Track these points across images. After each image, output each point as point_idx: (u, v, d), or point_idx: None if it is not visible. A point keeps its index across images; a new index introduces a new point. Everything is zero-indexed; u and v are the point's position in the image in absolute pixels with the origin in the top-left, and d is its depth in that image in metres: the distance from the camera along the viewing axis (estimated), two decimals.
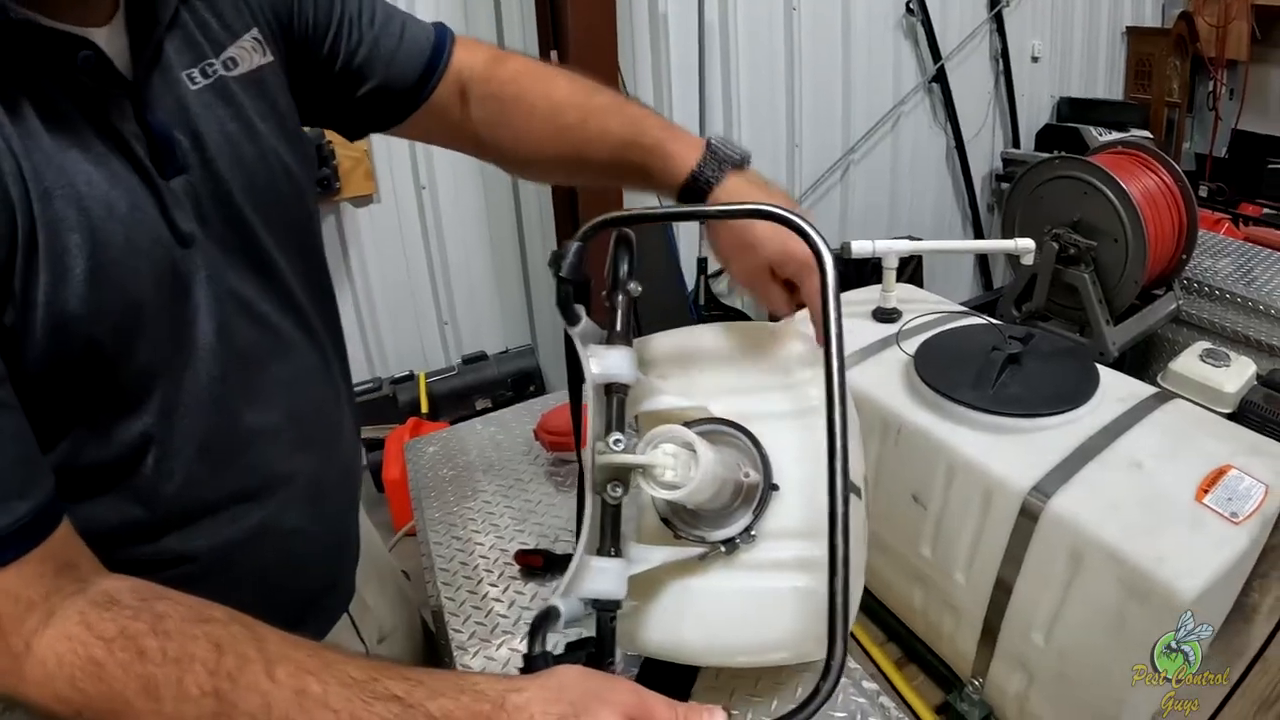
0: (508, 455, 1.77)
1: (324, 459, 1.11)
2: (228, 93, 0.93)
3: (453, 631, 1.30)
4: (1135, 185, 2.59)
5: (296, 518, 1.05)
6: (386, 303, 3.70)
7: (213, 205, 0.90)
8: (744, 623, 0.95)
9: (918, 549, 1.55)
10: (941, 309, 1.87)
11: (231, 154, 0.92)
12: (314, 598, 1.16)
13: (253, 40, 0.98)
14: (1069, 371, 1.55)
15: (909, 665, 1.71)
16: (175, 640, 0.70)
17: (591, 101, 1.14)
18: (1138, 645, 1.22)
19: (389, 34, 1.12)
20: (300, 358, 1.05)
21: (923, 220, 5.01)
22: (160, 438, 0.87)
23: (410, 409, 3.49)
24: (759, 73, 4.17)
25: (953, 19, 4.69)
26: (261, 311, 0.98)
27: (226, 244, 0.93)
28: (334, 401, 1.13)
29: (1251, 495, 1.27)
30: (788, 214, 0.85)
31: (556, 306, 0.89)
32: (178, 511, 0.92)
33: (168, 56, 0.88)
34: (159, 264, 0.83)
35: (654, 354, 1.08)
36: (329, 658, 0.73)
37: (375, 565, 1.39)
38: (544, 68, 1.20)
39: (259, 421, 0.98)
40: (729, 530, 0.94)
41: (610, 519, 0.87)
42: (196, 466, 0.91)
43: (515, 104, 1.16)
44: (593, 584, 0.85)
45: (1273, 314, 2.67)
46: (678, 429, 0.81)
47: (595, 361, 0.88)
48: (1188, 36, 5.56)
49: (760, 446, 0.96)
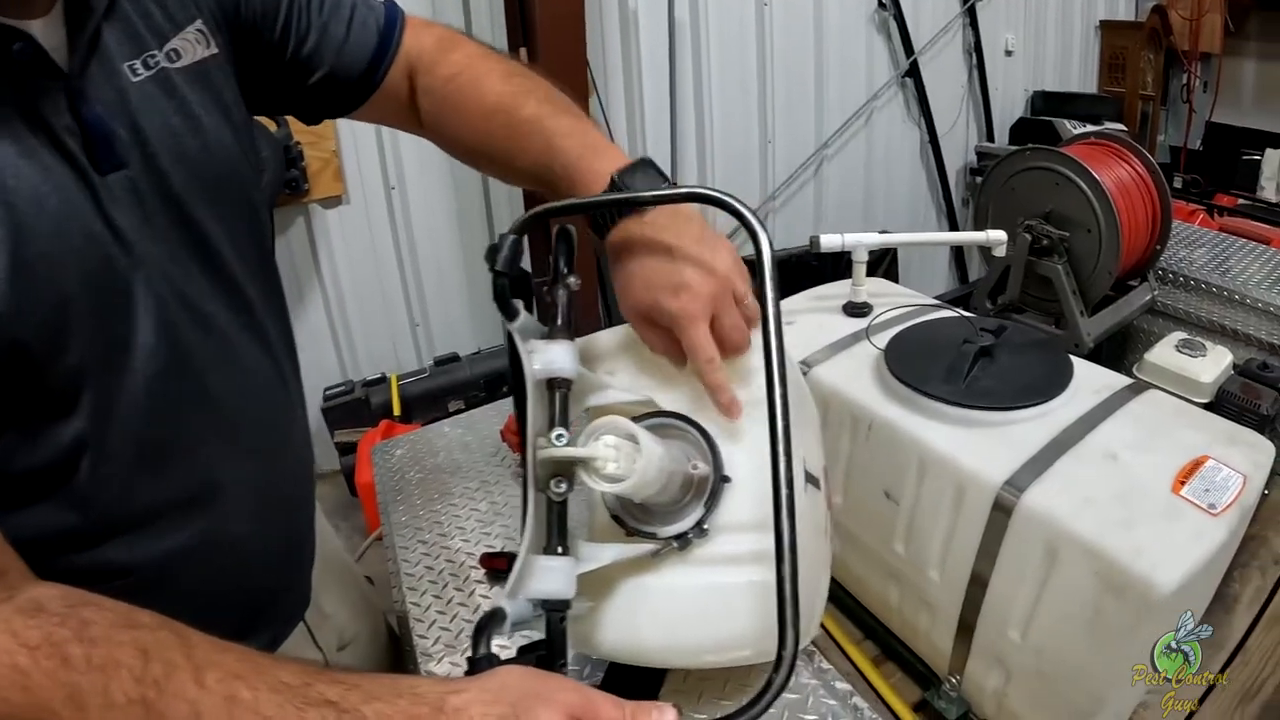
0: (475, 457, 1.75)
1: (272, 464, 1.07)
2: (170, 85, 0.91)
3: (418, 638, 1.28)
4: (1108, 175, 2.58)
5: (242, 525, 1.02)
6: (358, 304, 3.68)
7: (156, 201, 0.88)
8: (701, 620, 0.93)
9: (891, 546, 1.52)
10: (913, 302, 1.85)
11: (174, 147, 0.90)
12: (263, 606, 1.13)
13: (196, 32, 0.95)
14: (1042, 364, 1.53)
15: (886, 663, 1.69)
16: (101, 647, 0.67)
17: (517, 114, 1.08)
18: (1116, 640, 1.20)
19: (338, 20, 1.09)
20: (248, 359, 1.02)
21: (897, 215, 5.02)
22: (95, 442, 0.84)
23: (383, 411, 3.46)
24: (731, 68, 4.17)
25: (925, 13, 4.71)
26: (208, 311, 0.95)
27: (171, 241, 0.90)
28: (284, 405, 1.10)
29: (1229, 486, 1.26)
30: (721, 195, 0.85)
31: (494, 301, 0.86)
32: (117, 519, 0.89)
33: (108, 48, 0.85)
34: (90, 261, 0.80)
35: (601, 349, 1.06)
36: (260, 663, 0.70)
37: (335, 571, 1.37)
38: (484, 62, 1.15)
39: (202, 426, 0.95)
40: (681, 525, 0.91)
41: (556, 516, 0.84)
42: (135, 472, 0.88)
43: (450, 105, 1.13)
44: (539, 584, 0.82)
45: (1248, 303, 2.67)
46: (618, 420, 0.78)
47: (536, 356, 0.86)
48: (1161, 30, 5.60)
49: (710, 438, 0.93)
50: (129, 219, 0.84)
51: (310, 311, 3.59)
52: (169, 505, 0.93)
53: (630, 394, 0.96)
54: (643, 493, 0.83)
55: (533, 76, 1.13)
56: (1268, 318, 2.62)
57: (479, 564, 1.37)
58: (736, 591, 0.91)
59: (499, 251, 0.85)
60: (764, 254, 0.82)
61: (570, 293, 0.92)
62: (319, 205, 3.47)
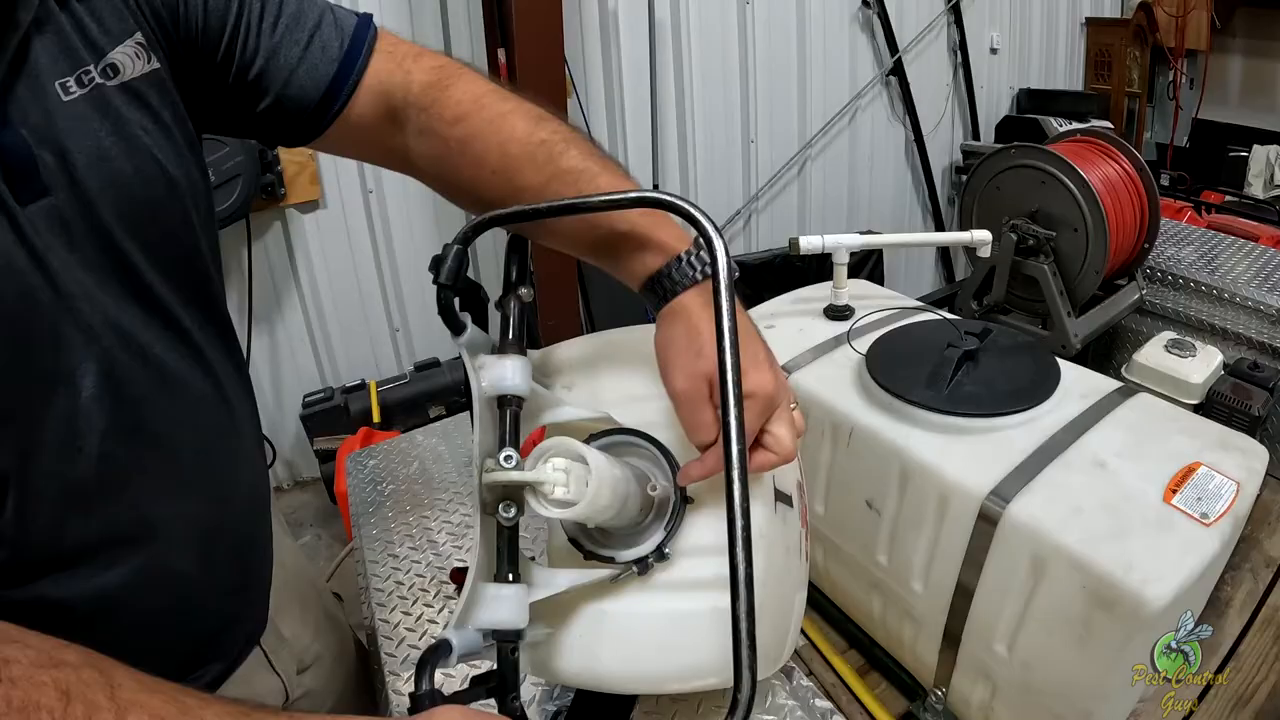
0: (447, 468, 1.74)
1: (217, 496, 1.02)
2: (105, 103, 0.85)
3: (385, 655, 1.26)
4: (1094, 173, 2.56)
5: (185, 561, 0.97)
6: (336, 310, 3.67)
7: (83, 230, 0.82)
8: (664, 647, 0.89)
9: (874, 556, 1.49)
10: (896, 305, 1.82)
11: (104, 172, 0.84)
12: (212, 638, 1.08)
13: (135, 45, 0.88)
14: (1028, 368, 1.50)
15: (871, 673, 1.67)
16: (20, 688, 0.62)
17: (556, 164, 0.95)
18: (1105, 655, 1.17)
19: (292, 42, 0.98)
20: (188, 391, 0.96)
21: (882, 214, 5.03)
22: (18, 480, 0.79)
23: (363, 418, 3.44)
24: (712, 68, 4.17)
25: (910, 11, 4.72)
26: (142, 343, 0.89)
27: (100, 271, 0.85)
28: (229, 435, 1.05)
29: (1222, 494, 1.23)
30: (669, 196, 0.80)
31: (439, 315, 0.81)
32: (46, 557, 0.84)
33: (37, 64, 0.79)
34: (9, 296, 0.75)
35: (558, 363, 1.02)
36: (187, 704, 0.65)
37: (296, 591, 1.32)
38: (497, 101, 1.01)
39: (138, 460, 0.90)
40: (641, 549, 0.87)
41: (505, 542, 0.80)
42: (63, 509, 0.84)
43: (462, 150, 1.00)
44: (489, 614, 0.78)
45: (1237, 301, 2.66)
46: (566, 441, 0.74)
47: (484, 373, 0.82)
48: (1147, 27, 5.63)
49: (671, 457, 0.89)
50: (54, 249, 0.79)
51: (288, 317, 3.58)
52: (102, 542, 0.89)
53: (587, 411, 0.92)
54: (596, 518, 0.79)
55: (563, 121, 1.01)
56: (1257, 316, 2.62)
57: (449, 579, 1.35)
58: (699, 618, 0.87)
59: (443, 263, 0.80)
60: (719, 268, 0.76)
61: (522, 304, 0.87)
62: (296, 210, 3.45)
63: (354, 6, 3.02)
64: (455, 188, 1.04)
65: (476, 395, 0.81)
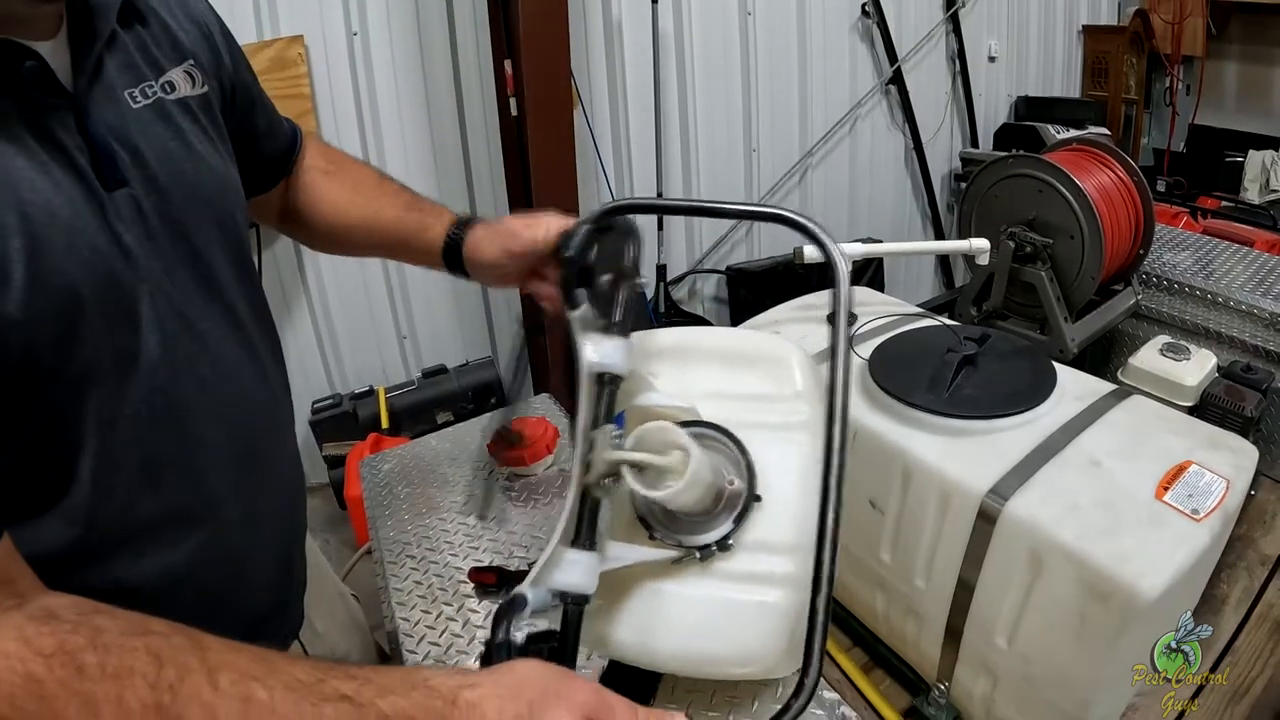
0: (463, 471, 1.75)
1: (266, 478, 1.09)
2: (166, 113, 0.95)
3: (408, 653, 1.28)
4: (1090, 182, 2.59)
5: (240, 540, 1.03)
6: (344, 318, 3.67)
7: (156, 219, 0.91)
8: (714, 633, 0.93)
9: (878, 554, 1.53)
10: (897, 311, 1.86)
11: (171, 169, 0.93)
12: (262, 622, 1.13)
13: (189, 69, 1.00)
14: (1025, 371, 1.53)
15: (875, 670, 1.70)
16: (114, 654, 0.68)
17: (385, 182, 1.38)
18: (1101, 646, 1.21)
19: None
20: (241, 375, 1.04)
21: (883, 221, 5.03)
22: (97, 452, 0.85)
23: (371, 424, 3.45)
24: (715, 78, 4.18)
25: (908, 21, 4.72)
26: (203, 328, 0.97)
27: (170, 259, 0.92)
28: (274, 419, 1.12)
29: (1212, 491, 1.26)
30: (801, 218, 0.88)
31: (559, 287, 0.89)
32: (119, 533, 0.90)
33: (109, 74, 0.89)
34: (98, 273, 0.82)
35: (648, 349, 1.07)
36: (275, 662, 0.71)
37: (323, 591, 1.37)
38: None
39: (201, 439, 0.97)
40: (707, 537, 0.92)
41: (589, 511, 0.85)
42: (136, 484, 0.90)
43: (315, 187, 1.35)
44: (564, 575, 0.83)
45: (1232, 305, 2.68)
46: (673, 429, 0.80)
47: (592, 349, 0.87)
48: (1143, 33, 5.63)
49: (748, 455, 0.94)
50: (132, 234, 0.87)
51: (297, 325, 3.58)
52: (169, 518, 0.94)
53: (674, 399, 0.96)
54: (678, 502, 0.84)
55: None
56: (1251, 320, 2.63)
57: (468, 578, 1.37)
58: (753, 610, 0.92)
59: (571, 238, 0.89)
60: (842, 287, 0.84)
61: (635, 293, 0.94)
62: None
63: (363, 26, 3.05)
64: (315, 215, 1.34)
65: (582, 369, 0.87)
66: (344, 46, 3.27)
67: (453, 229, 1.24)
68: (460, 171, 3.67)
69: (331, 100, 3.32)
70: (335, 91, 3.31)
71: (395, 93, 3.42)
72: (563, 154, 3.37)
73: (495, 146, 3.62)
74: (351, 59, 3.30)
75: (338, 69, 3.29)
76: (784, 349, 1.05)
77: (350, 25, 3.24)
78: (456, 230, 1.24)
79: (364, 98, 3.38)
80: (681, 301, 4.31)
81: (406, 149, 3.51)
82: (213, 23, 1.09)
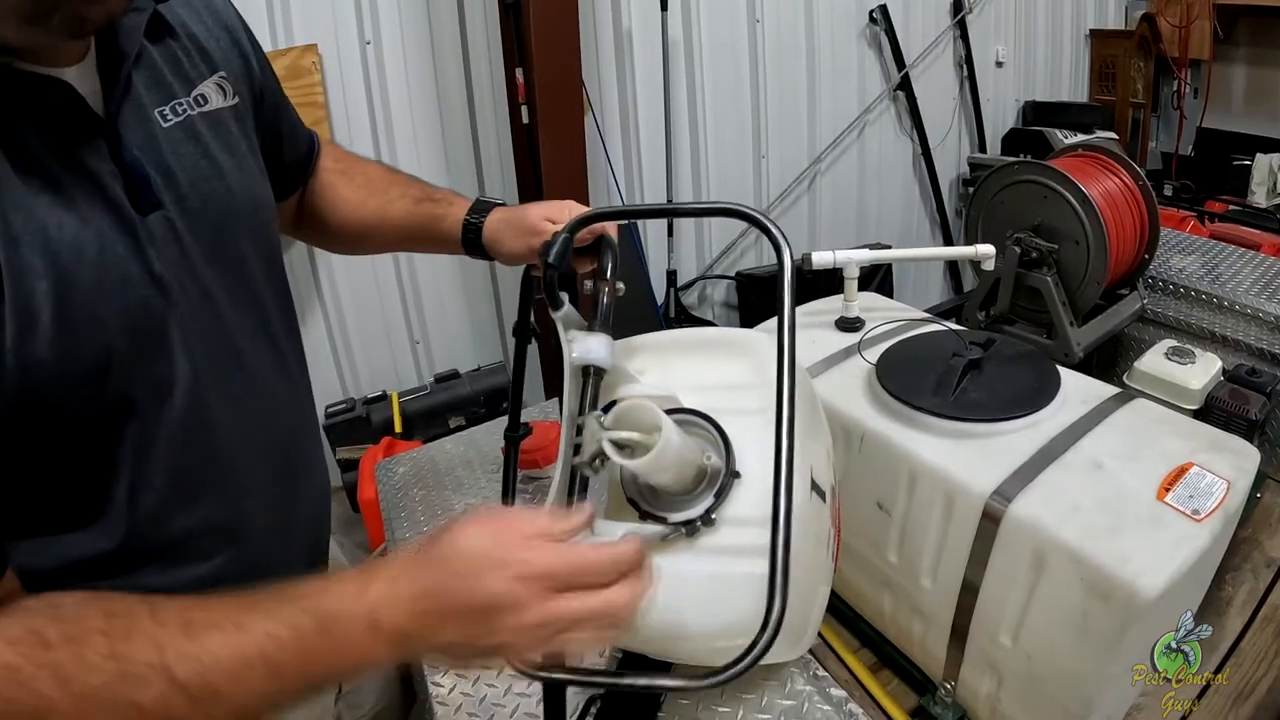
0: (477, 474, 1.78)
1: (298, 490, 1.12)
2: (194, 131, 0.95)
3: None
4: (1095, 188, 2.60)
5: (270, 551, 1.05)
6: (358, 323, 3.70)
7: (191, 239, 0.92)
8: (703, 604, 0.97)
9: (884, 555, 1.55)
10: (904, 317, 1.88)
11: (203, 190, 0.94)
12: None
13: (220, 80, 1.01)
14: (1030, 375, 1.55)
15: (883, 670, 1.70)
16: (72, 622, 0.71)
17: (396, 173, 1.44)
18: (1103, 645, 1.22)
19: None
20: (274, 390, 1.06)
21: (891, 227, 5.05)
22: (132, 473, 0.87)
23: (384, 429, 3.48)
24: (724, 86, 4.21)
25: (916, 27, 4.74)
26: (240, 346, 0.99)
27: (206, 278, 0.94)
28: (303, 428, 1.14)
29: (1213, 492, 1.28)
30: (753, 212, 0.98)
31: (543, 291, 0.97)
32: (151, 546, 0.92)
33: (139, 93, 0.89)
34: (129, 305, 0.83)
35: (633, 351, 1.13)
36: (216, 595, 0.76)
37: None
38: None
39: (234, 456, 0.98)
40: (691, 512, 0.96)
41: (579, 488, 0.91)
42: (170, 502, 0.91)
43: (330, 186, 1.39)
44: None
45: (1238, 309, 2.68)
46: (648, 406, 0.84)
47: (575, 345, 0.95)
48: (1150, 37, 5.63)
49: (725, 436, 0.99)
50: (166, 258, 0.88)
51: (311, 329, 3.60)
52: (203, 532, 0.96)
53: (657, 390, 1.01)
54: (658, 474, 0.89)
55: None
56: (1257, 323, 2.63)
57: None
58: (738, 581, 0.95)
59: (552, 247, 0.96)
60: (786, 277, 0.94)
61: (614, 295, 1.04)
62: None
63: (376, 34, 3.08)
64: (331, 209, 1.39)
65: (567, 363, 0.94)
66: (357, 55, 3.30)
67: (470, 215, 1.29)
68: (472, 179, 3.70)
69: (345, 109, 3.35)
70: (349, 100, 3.35)
71: (408, 101, 3.45)
72: (574, 160, 3.40)
73: (507, 154, 3.65)
74: (365, 67, 3.33)
75: (351, 78, 3.32)
76: (759, 341, 1.13)
77: (364, 34, 3.28)
78: (474, 216, 1.30)
79: (377, 105, 3.41)
80: (691, 307, 4.33)
81: (419, 156, 3.54)
82: (239, 28, 1.09)
